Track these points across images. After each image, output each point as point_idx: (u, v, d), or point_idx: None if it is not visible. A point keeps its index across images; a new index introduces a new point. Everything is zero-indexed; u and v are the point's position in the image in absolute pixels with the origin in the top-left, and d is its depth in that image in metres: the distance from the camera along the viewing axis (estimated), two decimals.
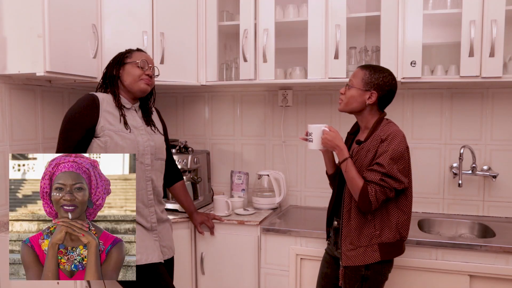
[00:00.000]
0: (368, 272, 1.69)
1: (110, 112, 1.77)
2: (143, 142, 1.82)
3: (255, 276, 2.25)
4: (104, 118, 1.74)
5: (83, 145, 1.74)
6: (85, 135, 1.73)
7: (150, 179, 1.84)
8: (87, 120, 1.72)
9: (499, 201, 2.40)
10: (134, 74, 1.81)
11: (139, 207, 1.80)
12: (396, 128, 1.69)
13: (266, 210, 2.50)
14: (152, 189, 1.85)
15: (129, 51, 1.87)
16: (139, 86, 1.82)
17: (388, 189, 1.62)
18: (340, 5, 2.22)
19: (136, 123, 1.84)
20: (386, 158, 1.61)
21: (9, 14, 1.97)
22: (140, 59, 1.83)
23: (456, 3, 2.17)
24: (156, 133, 1.91)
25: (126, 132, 1.77)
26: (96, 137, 1.74)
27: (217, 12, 2.46)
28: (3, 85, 2.07)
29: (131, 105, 1.86)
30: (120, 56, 1.86)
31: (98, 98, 1.76)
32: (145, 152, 1.82)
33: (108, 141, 1.73)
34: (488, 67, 2.06)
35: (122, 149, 1.74)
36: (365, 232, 1.68)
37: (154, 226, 1.86)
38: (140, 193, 1.81)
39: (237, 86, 2.68)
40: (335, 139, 1.71)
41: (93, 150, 1.74)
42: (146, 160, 1.83)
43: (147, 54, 1.92)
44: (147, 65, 1.83)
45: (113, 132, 1.74)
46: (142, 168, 1.82)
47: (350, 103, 1.73)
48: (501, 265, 1.86)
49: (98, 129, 1.73)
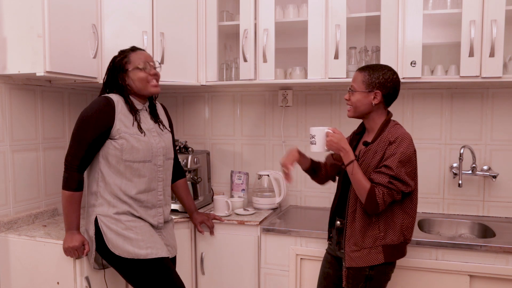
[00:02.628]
0: (372, 272, 1.69)
1: (125, 114, 1.78)
2: (156, 143, 1.84)
3: (255, 276, 2.25)
4: (120, 120, 1.75)
5: (96, 147, 1.75)
6: (99, 137, 1.74)
7: (161, 180, 1.87)
8: (103, 123, 1.73)
9: (499, 201, 2.40)
10: (140, 78, 1.80)
11: (148, 207, 1.83)
12: (404, 130, 1.69)
13: (266, 210, 2.50)
14: (162, 189, 1.88)
15: (125, 55, 1.83)
16: (149, 91, 1.83)
17: (395, 191, 1.62)
18: (340, 5, 2.22)
19: (148, 125, 1.85)
20: (395, 160, 1.61)
21: (9, 14, 1.97)
22: (140, 61, 1.81)
23: (456, 3, 2.17)
24: (164, 131, 1.92)
25: (141, 135, 1.79)
26: (111, 139, 1.75)
27: (217, 12, 2.46)
28: (3, 85, 2.07)
29: (142, 105, 1.87)
30: (118, 63, 1.82)
31: (113, 101, 1.77)
32: (158, 154, 1.84)
33: (125, 144, 1.75)
34: (488, 67, 2.05)
35: (137, 151, 1.77)
36: (370, 234, 1.68)
37: (160, 225, 1.88)
38: (152, 193, 1.83)
39: (237, 86, 2.67)
40: (341, 141, 1.70)
41: (108, 151, 1.75)
42: (159, 162, 1.85)
43: (143, 51, 1.89)
44: (148, 65, 1.82)
45: (128, 135, 1.76)
46: (155, 169, 1.84)
47: (358, 107, 1.72)
48: (501, 265, 1.86)
49: (114, 132, 1.74)
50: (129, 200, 1.78)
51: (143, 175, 1.80)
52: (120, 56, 1.84)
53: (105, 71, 1.87)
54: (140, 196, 1.79)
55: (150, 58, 1.87)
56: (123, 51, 1.86)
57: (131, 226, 1.77)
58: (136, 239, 1.75)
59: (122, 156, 1.75)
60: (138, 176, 1.78)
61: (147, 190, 1.82)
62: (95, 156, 1.78)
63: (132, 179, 1.77)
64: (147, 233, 1.79)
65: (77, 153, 1.74)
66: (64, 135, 2.43)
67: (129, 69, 1.80)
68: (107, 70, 1.86)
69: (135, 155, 1.76)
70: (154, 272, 1.75)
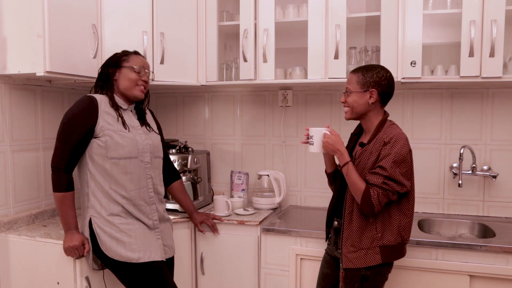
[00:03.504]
0: (368, 273, 1.69)
1: (108, 112, 1.78)
2: (142, 140, 1.84)
3: (255, 276, 2.25)
4: (103, 118, 1.76)
5: (81, 147, 1.75)
6: (84, 136, 1.74)
7: (150, 177, 1.87)
8: (86, 122, 1.73)
9: (499, 201, 2.40)
10: (130, 78, 1.81)
11: (140, 205, 1.82)
12: (399, 130, 1.69)
13: (266, 210, 2.50)
14: (152, 186, 1.87)
15: (126, 53, 1.87)
16: (133, 93, 1.83)
17: (390, 192, 1.62)
18: (340, 5, 2.22)
19: (133, 123, 1.86)
20: (389, 161, 1.61)
21: (9, 14, 1.97)
22: (138, 64, 1.83)
23: (456, 3, 2.17)
24: (152, 132, 1.93)
25: (125, 131, 1.79)
26: (95, 138, 1.75)
27: (217, 12, 2.46)
28: (3, 85, 2.07)
29: (127, 106, 1.87)
30: (116, 58, 1.85)
31: (96, 99, 1.77)
32: (144, 150, 1.84)
33: (109, 141, 1.74)
34: (488, 67, 2.05)
35: (122, 148, 1.76)
36: (367, 235, 1.68)
37: (156, 224, 1.88)
38: (142, 190, 1.83)
39: (237, 86, 2.67)
40: (336, 143, 1.71)
41: (93, 150, 1.75)
42: (146, 158, 1.85)
43: (144, 58, 1.92)
44: (143, 70, 1.85)
45: (112, 131, 1.76)
46: (142, 166, 1.83)
47: (355, 108, 1.72)
48: (501, 265, 1.86)
49: (98, 130, 1.74)
50: (121, 199, 1.77)
51: (130, 171, 1.79)
52: (121, 53, 1.87)
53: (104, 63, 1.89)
54: (130, 194, 1.79)
55: (148, 66, 1.89)
56: (127, 51, 1.88)
57: (125, 229, 1.76)
58: (129, 242, 1.75)
59: (108, 153, 1.74)
60: (125, 173, 1.78)
61: (137, 188, 1.81)
62: (83, 157, 1.78)
63: (119, 176, 1.77)
64: (141, 236, 1.79)
65: (63, 154, 1.73)
66: None
67: (124, 66, 1.82)
68: (105, 62, 1.88)
69: (120, 152, 1.76)
70: (146, 275, 1.74)
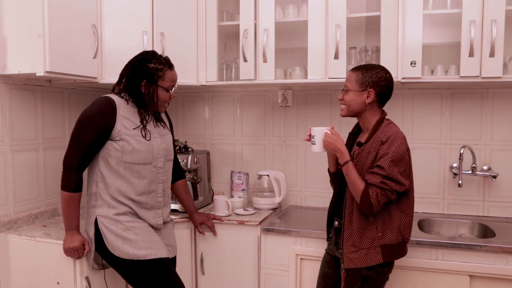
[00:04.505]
0: (369, 273, 1.69)
1: (126, 117, 1.77)
2: (157, 145, 1.83)
3: (255, 276, 2.25)
4: (121, 122, 1.75)
5: (95, 147, 1.74)
6: (99, 137, 1.73)
7: (162, 181, 1.87)
8: (104, 123, 1.72)
9: (499, 201, 2.40)
10: (161, 99, 1.81)
11: (147, 208, 1.83)
12: (397, 129, 1.69)
13: (266, 210, 2.50)
14: (162, 191, 1.87)
15: (162, 68, 1.77)
16: (159, 110, 1.85)
17: (389, 191, 1.62)
18: (340, 5, 2.22)
19: (149, 125, 1.84)
20: (387, 160, 1.61)
21: (9, 14, 1.97)
22: (172, 81, 1.81)
23: (456, 3, 2.17)
24: (165, 132, 1.92)
25: (142, 137, 1.78)
26: (112, 140, 1.74)
27: (217, 12, 2.46)
28: (3, 85, 2.07)
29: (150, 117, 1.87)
30: (151, 70, 1.76)
31: (115, 101, 1.76)
32: (159, 156, 1.83)
33: (125, 145, 1.74)
34: (488, 67, 2.05)
35: (138, 154, 1.76)
36: (367, 234, 1.68)
37: (159, 226, 1.89)
38: (151, 195, 1.83)
39: (237, 86, 2.67)
40: (336, 142, 1.71)
41: (108, 152, 1.75)
42: (159, 164, 1.84)
43: (175, 72, 1.86)
44: (173, 87, 1.84)
45: (130, 136, 1.75)
46: (155, 171, 1.83)
47: (351, 106, 1.73)
48: (501, 265, 1.86)
49: (115, 133, 1.73)
50: (128, 201, 1.77)
51: (143, 177, 1.79)
52: (155, 64, 1.76)
53: (128, 65, 1.80)
54: (139, 198, 1.79)
55: (176, 79, 1.86)
56: (160, 60, 1.78)
57: (131, 227, 1.77)
58: (136, 240, 1.75)
59: (123, 157, 1.74)
60: (138, 177, 1.78)
61: (147, 192, 1.81)
62: (95, 157, 1.78)
63: (132, 180, 1.77)
64: (146, 233, 1.79)
65: (76, 154, 1.73)
66: (64, 135, 2.43)
67: (159, 85, 1.78)
68: (133, 67, 1.78)
69: (135, 157, 1.76)
70: (154, 272, 1.75)
